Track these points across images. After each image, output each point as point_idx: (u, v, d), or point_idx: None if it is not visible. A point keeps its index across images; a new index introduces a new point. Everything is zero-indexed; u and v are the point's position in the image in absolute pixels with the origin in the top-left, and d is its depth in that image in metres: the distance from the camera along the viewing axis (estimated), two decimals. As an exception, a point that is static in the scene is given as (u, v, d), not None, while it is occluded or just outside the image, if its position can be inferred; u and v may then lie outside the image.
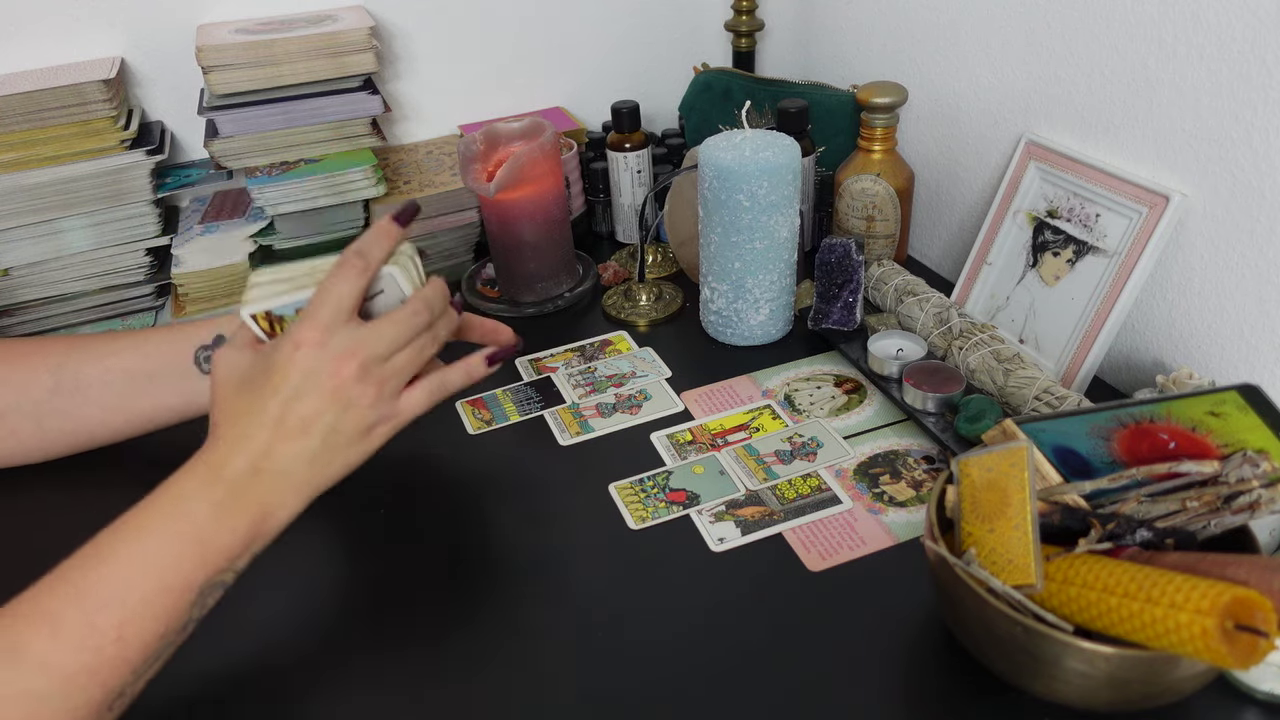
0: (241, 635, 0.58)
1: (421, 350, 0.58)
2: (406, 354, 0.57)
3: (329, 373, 0.53)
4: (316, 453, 0.54)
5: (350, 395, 0.54)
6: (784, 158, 0.75)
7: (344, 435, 0.54)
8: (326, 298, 0.54)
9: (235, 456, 0.52)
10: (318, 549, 0.65)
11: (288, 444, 0.53)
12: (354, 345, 0.54)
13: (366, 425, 0.55)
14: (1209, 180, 0.66)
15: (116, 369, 0.67)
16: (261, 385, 0.54)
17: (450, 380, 0.60)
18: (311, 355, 0.53)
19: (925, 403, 0.71)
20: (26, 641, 0.45)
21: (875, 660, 0.54)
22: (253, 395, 0.54)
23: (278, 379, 0.53)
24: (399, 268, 0.58)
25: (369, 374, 0.55)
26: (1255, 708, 0.50)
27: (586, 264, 0.97)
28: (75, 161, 0.86)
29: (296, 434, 0.53)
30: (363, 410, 0.55)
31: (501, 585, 0.61)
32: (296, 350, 0.53)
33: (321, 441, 0.54)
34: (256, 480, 0.52)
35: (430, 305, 0.58)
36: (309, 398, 0.53)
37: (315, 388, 0.53)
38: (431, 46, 1.08)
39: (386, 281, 0.58)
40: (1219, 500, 0.48)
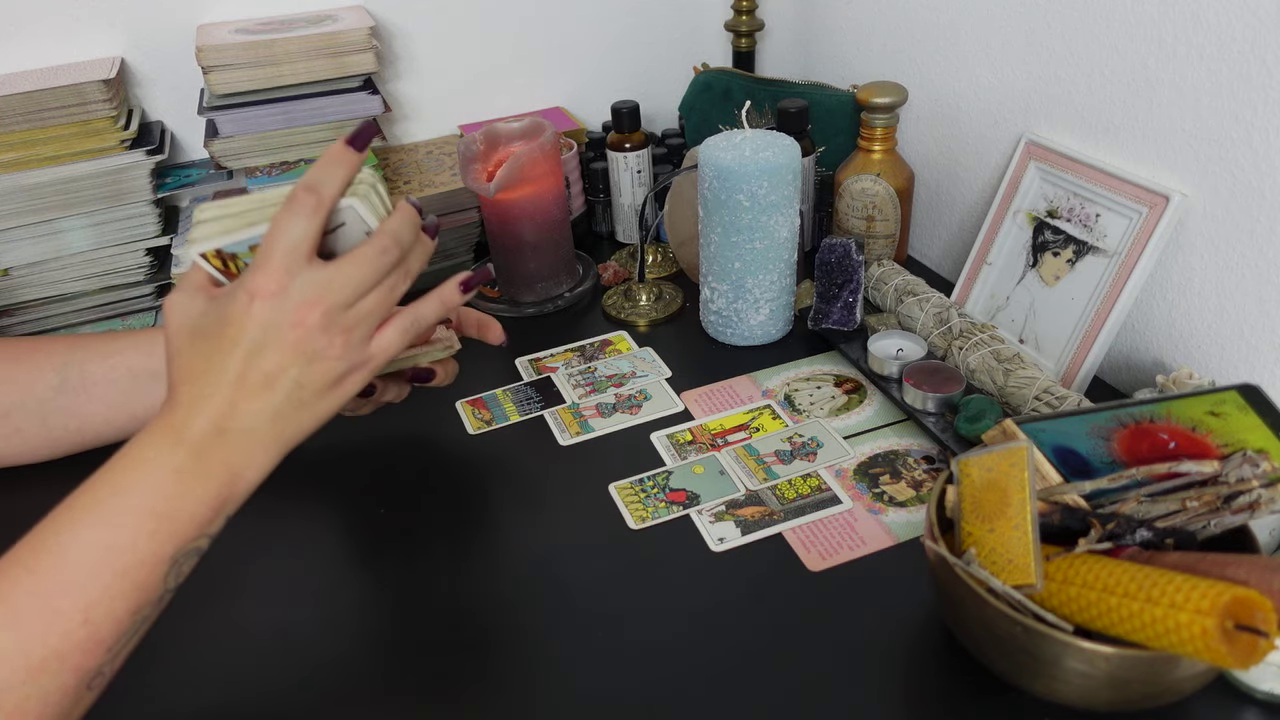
0: (240, 635, 0.58)
1: (392, 289, 0.53)
2: (375, 296, 0.52)
3: (290, 323, 0.49)
4: (282, 408, 0.50)
5: (315, 346, 0.50)
6: (784, 158, 0.75)
7: (311, 389, 0.51)
8: (279, 239, 0.49)
9: (195, 417, 0.48)
10: (317, 549, 0.65)
11: (251, 401, 0.49)
12: (316, 292, 0.49)
13: (335, 376, 0.51)
14: (1209, 180, 0.66)
15: (121, 367, 0.67)
16: (218, 338, 0.49)
17: (424, 313, 0.56)
18: (269, 306, 0.49)
19: (925, 403, 0.71)
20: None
21: (875, 660, 0.54)
22: (209, 349, 0.49)
23: (234, 331, 0.49)
24: (359, 199, 0.52)
25: (334, 322, 0.50)
26: (1255, 708, 0.50)
27: (586, 264, 0.97)
28: (75, 161, 0.86)
29: (259, 390, 0.49)
30: (330, 361, 0.51)
31: (501, 585, 0.61)
32: (253, 301, 0.49)
33: (287, 396, 0.50)
34: (221, 441, 0.48)
35: (398, 238, 0.53)
36: (270, 351, 0.49)
37: (276, 341, 0.49)
38: (431, 46, 1.08)
39: (347, 214, 0.52)
40: (1219, 500, 0.48)
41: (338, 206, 0.51)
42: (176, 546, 0.46)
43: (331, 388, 0.52)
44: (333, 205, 0.51)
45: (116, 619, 0.44)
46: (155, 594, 0.46)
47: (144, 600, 0.46)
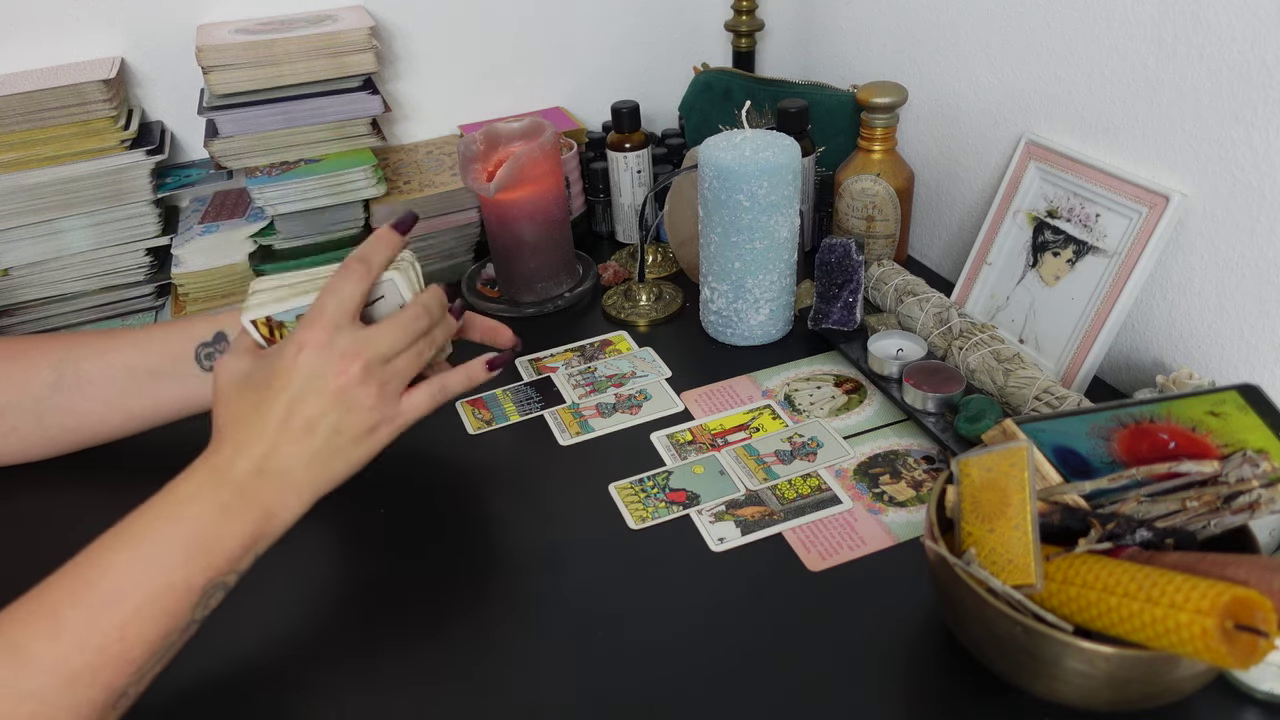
0: (241, 635, 0.58)
1: (420, 354, 0.59)
2: (407, 357, 0.58)
3: (333, 373, 0.54)
4: (319, 453, 0.54)
5: (353, 396, 0.55)
6: (784, 158, 0.75)
7: (346, 436, 0.55)
8: (330, 300, 0.56)
9: (240, 458, 0.53)
10: (318, 549, 0.65)
11: (292, 445, 0.53)
12: (357, 346, 0.55)
13: (368, 426, 0.56)
14: (1209, 180, 0.66)
15: (118, 365, 0.67)
16: (265, 387, 0.54)
17: (451, 384, 0.62)
18: (315, 356, 0.54)
19: (925, 403, 0.71)
20: (28, 641, 0.45)
21: (875, 660, 0.54)
22: (257, 397, 0.54)
23: (282, 380, 0.54)
24: (399, 273, 0.60)
25: (371, 375, 0.56)
26: (1255, 708, 0.50)
27: (586, 264, 0.97)
28: (75, 161, 0.86)
29: (300, 434, 0.54)
30: (365, 411, 0.56)
31: (501, 585, 0.61)
32: (300, 351, 0.54)
33: (324, 442, 0.54)
34: (261, 481, 0.52)
35: (429, 310, 0.60)
36: (313, 398, 0.54)
37: (319, 388, 0.54)
38: (431, 46, 1.08)
39: (387, 287, 0.59)
40: (1219, 500, 0.48)
41: (380, 280, 0.58)
42: (208, 578, 0.50)
43: (364, 437, 0.56)
44: (379, 275, 0.58)
45: (148, 640, 0.47)
46: (183, 622, 0.49)
47: (173, 626, 0.48)
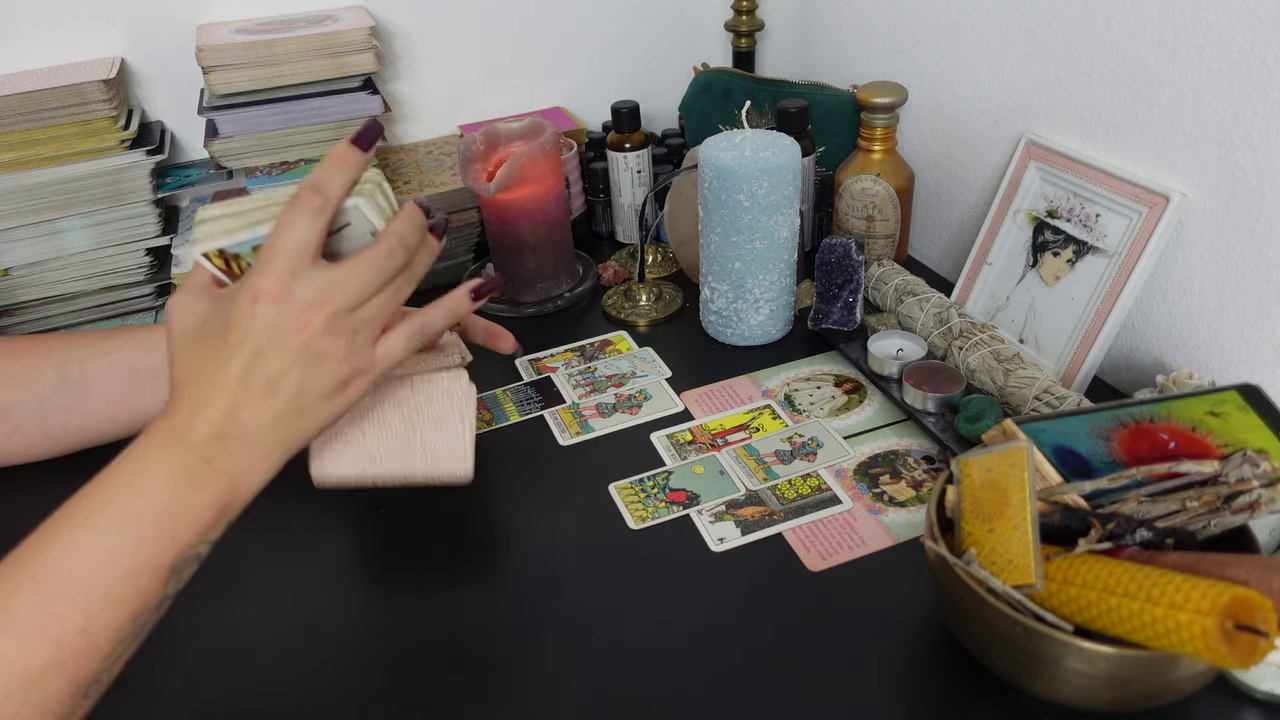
0: (240, 635, 0.58)
1: (398, 292, 0.52)
2: (380, 299, 0.51)
3: (295, 327, 0.48)
4: (284, 413, 0.49)
5: (319, 350, 0.49)
6: (784, 158, 0.75)
7: (314, 393, 0.50)
8: (283, 240, 0.48)
9: (197, 421, 0.48)
10: (316, 549, 0.65)
11: (253, 406, 0.48)
12: (320, 294, 0.48)
13: (339, 380, 0.50)
14: (1209, 180, 0.66)
15: (120, 365, 0.67)
16: (221, 341, 0.48)
17: (432, 320, 0.55)
18: (273, 309, 0.48)
19: (925, 403, 0.71)
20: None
21: (875, 660, 0.54)
22: (212, 350, 0.49)
23: (237, 334, 0.48)
24: (365, 198, 0.51)
25: (339, 324, 0.49)
26: (1255, 708, 0.50)
27: (586, 264, 0.97)
28: (75, 161, 0.86)
29: (262, 395, 0.48)
30: (334, 365, 0.50)
31: (501, 585, 0.61)
32: (256, 303, 0.48)
33: (289, 401, 0.49)
34: (222, 447, 0.48)
35: (404, 240, 0.52)
36: (273, 355, 0.48)
37: (280, 344, 0.48)
38: (431, 46, 1.08)
39: (353, 214, 0.51)
40: (1219, 500, 0.48)
41: (343, 207, 0.50)
42: (177, 553, 0.46)
43: (335, 392, 0.51)
44: (338, 205, 0.50)
45: (116, 626, 0.44)
46: (154, 600, 0.46)
47: (143, 607, 0.45)
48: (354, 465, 0.58)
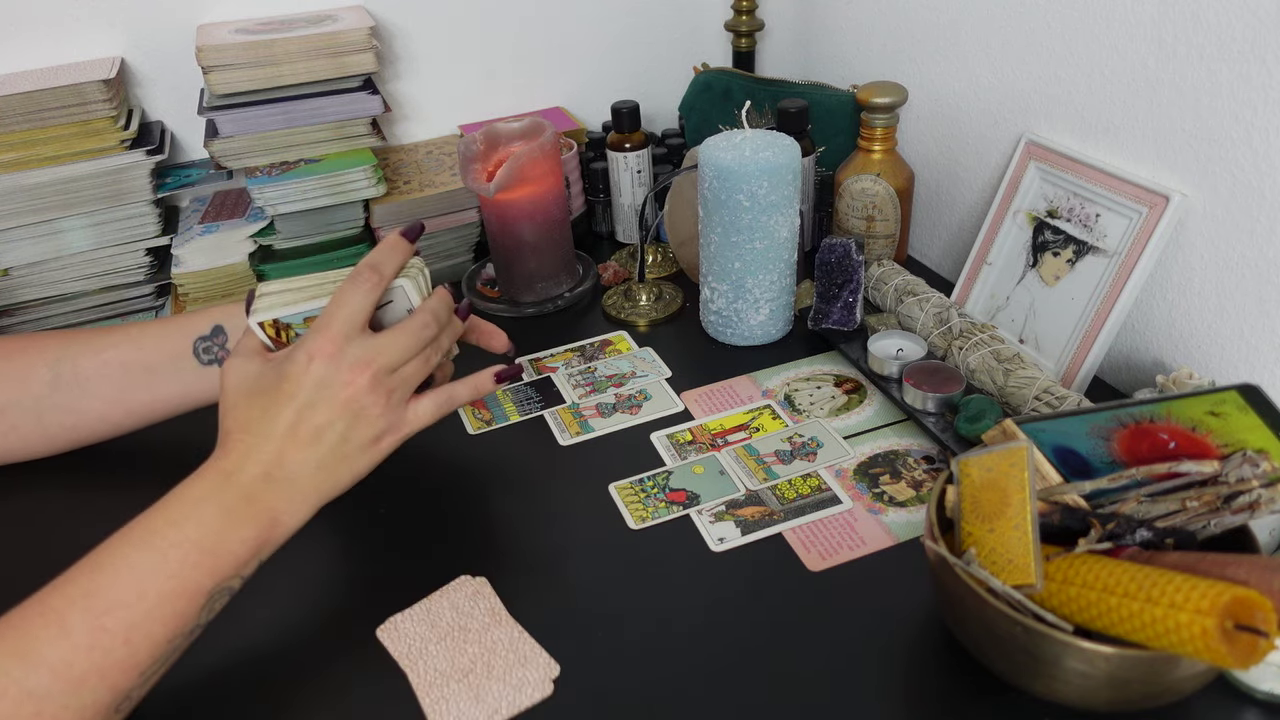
0: (241, 635, 0.58)
1: (428, 360, 0.59)
2: (414, 364, 0.58)
3: (343, 382, 0.55)
4: (325, 460, 0.55)
5: (361, 405, 0.55)
6: (784, 158, 0.75)
7: (353, 444, 0.56)
8: (340, 309, 0.56)
9: (248, 464, 0.53)
10: (319, 549, 0.65)
11: (299, 452, 0.54)
12: (367, 356, 0.56)
13: (375, 434, 0.57)
14: (1209, 180, 0.66)
15: (114, 362, 0.67)
16: (274, 393, 0.55)
17: (458, 394, 0.62)
18: (326, 365, 0.55)
19: (925, 403, 0.71)
20: (35, 643, 0.45)
21: (875, 660, 0.54)
22: (265, 403, 0.55)
23: (290, 387, 0.54)
24: (409, 279, 0.60)
25: (379, 384, 0.56)
26: (1255, 708, 0.50)
27: (586, 264, 0.97)
28: (75, 161, 0.86)
29: (308, 442, 0.54)
30: (372, 419, 0.56)
31: (501, 585, 0.61)
32: (311, 360, 0.55)
33: (331, 450, 0.55)
34: (268, 487, 0.53)
35: (438, 317, 0.60)
36: (322, 407, 0.54)
37: (329, 397, 0.55)
38: (431, 46, 1.08)
39: (396, 293, 0.60)
40: (1219, 500, 0.48)
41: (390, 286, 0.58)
42: (215, 582, 0.50)
43: (370, 445, 0.57)
44: (389, 284, 0.58)
45: (154, 643, 0.47)
46: (189, 625, 0.49)
47: (179, 630, 0.49)
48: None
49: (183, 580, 0.48)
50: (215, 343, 0.67)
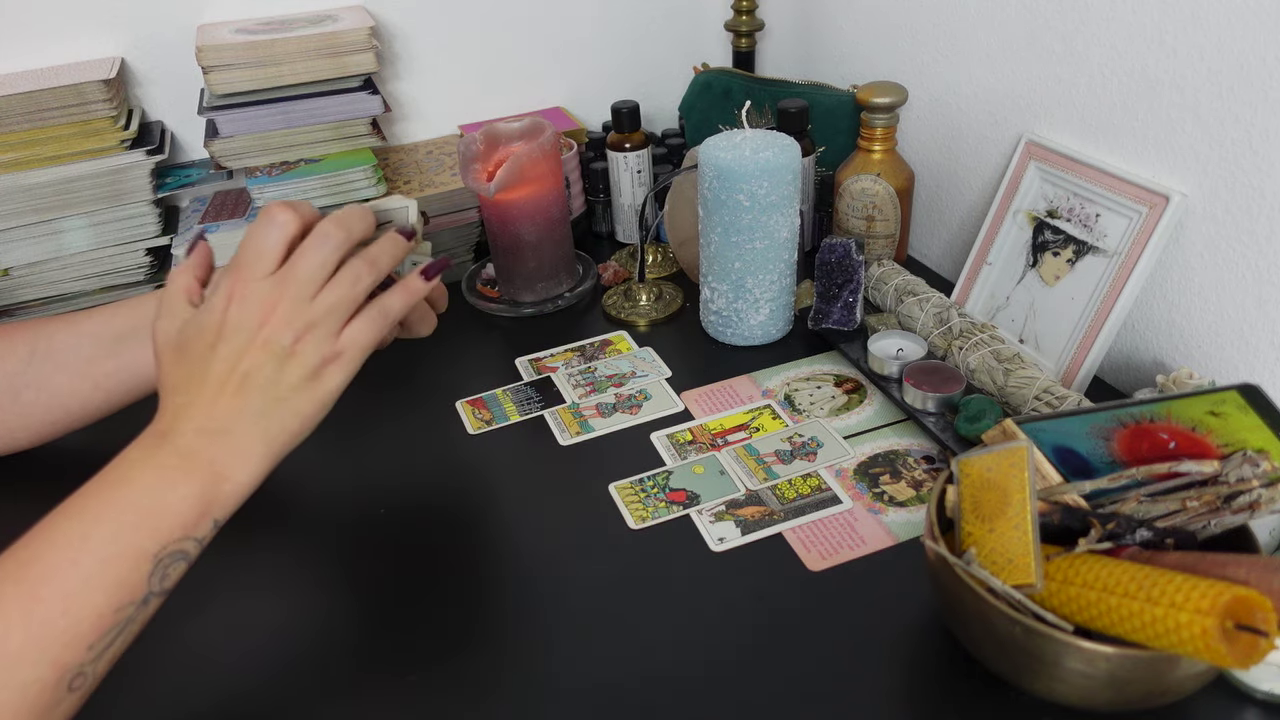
0: (240, 635, 0.58)
1: (356, 281, 0.54)
2: (334, 289, 0.53)
3: (257, 321, 0.51)
4: (261, 407, 0.51)
5: (282, 341, 0.52)
6: (784, 158, 0.75)
7: (286, 384, 0.52)
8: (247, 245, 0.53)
9: (180, 421, 0.50)
10: (317, 549, 0.65)
11: (230, 400, 0.51)
12: (276, 289, 0.52)
13: (309, 369, 0.52)
14: (1209, 180, 0.66)
15: (87, 334, 0.66)
16: (196, 345, 0.52)
17: (391, 304, 0.57)
18: (238, 306, 0.52)
19: (925, 403, 0.71)
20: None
21: (875, 660, 0.54)
22: (190, 358, 0.52)
23: (210, 336, 0.52)
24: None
25: (297, 315, 0.52)
26: (1255, 708, 0.50)
27: (586, 264, 0.97)
28: (75, 161, 0.87)
29: (237, 389, 0.51)
30: (301, 355, 0.52)
31: (501, 585, 0.61)
32: (228, 304, 0.52)
33: (263, 394, 0.51)
34: (204, 441, 0.50)
35: (341, 222, 0.54)
36: (240, 351, 0.51)
37: (247, 339, 0.51)
38: (431, 46, 1.08)
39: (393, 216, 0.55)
40: (1219, 500, 0.48)
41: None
42: (159, 544, 0.47)
43: (307, 383, 0.52)
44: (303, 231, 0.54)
45: (98, 613, 0.45)
46: (139, 594, 0.46)
47: (126, 599, 0.46)
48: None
49: (120, 544, 0.46)
50: None
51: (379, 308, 0.56)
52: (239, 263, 0.53)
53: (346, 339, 0.54)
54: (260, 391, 0.51)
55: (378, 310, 0.55)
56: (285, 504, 0.68)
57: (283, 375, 0.52)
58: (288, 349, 0.52)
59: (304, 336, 0.52)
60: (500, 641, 0.57)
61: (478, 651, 0.56)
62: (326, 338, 0.53)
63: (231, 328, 0.51)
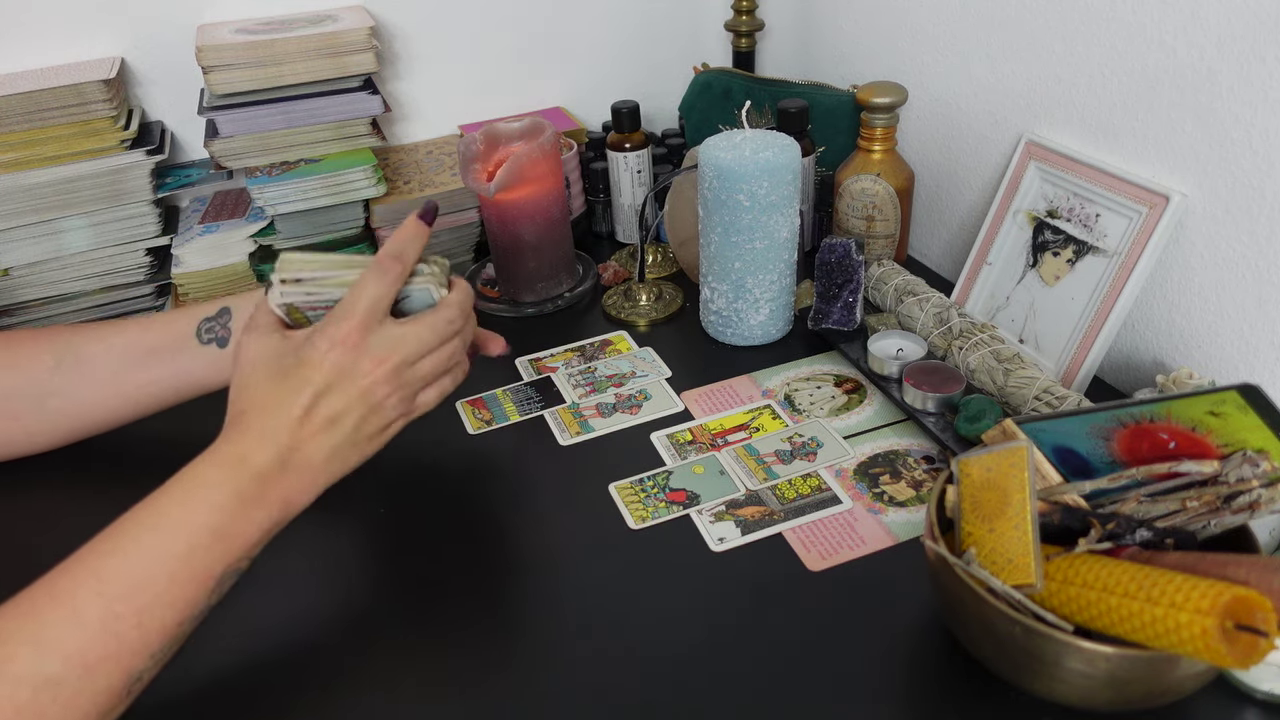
0: (240, 635, 0.58)
1: (451, 355, 0.60)
2: (435, 359, 0.59)
3: (363, 373, 0.55)
4: (339, 448, 0.55)
5: (378, 396, 0.56)
6: (784, 158, 0.75)
7: (365, 433, 0.56)
8: (363, 297, 0.55)
9: (263, 449, 0.52)
10: (316, 548, 0.65)
11: (314, 438, 0.54)
12: (389, 349, 0.56)
13: (386, 423, 0.57)
14: (1209, 180, 0.66)
15: (118, 345, 0.67)
16: (292, 376, 0.54)
17: (459, 377, 0.63)
18: (347, 354, 0.55)
19: (925, 403, 0.71)
20: (48, 629, 0.45)
21: (875, 660, 0.54)
22: (283, 386, 0.54)
23: (309, 372, 0.54)
24: (430, 271, 0.59)
25: (398, 376, 0.56)
26: (1255, 708, 0.50)
27: (586, 264, 0.97)
28: (75, 161, 0.86)
29: (323, 429, 0.54)
30: (387, 411, 0.57)
31: (501, 585, 0.61)
32: (333, 347, 0.54)
33: (345, 437, 0.55)
34: (282, 473, 0.53)
35: (463, 311, 0.60)
36: (339, 395, 0.54)
37: (348, 386, 0.55)
38: (431, 46, 1.08)
39: (417, 284, 0.59)
40: (1219, 500, 0.48)
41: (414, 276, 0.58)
42: (225, 565, 0.50)
43: (380, 433, 0.57)
44: (410, 271, 0.58)
45: (164, 627, 0.47)
46: (198, 608, 0.49)
47: (189, 613, 0.49)
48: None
49: (193, 564, 0.48)
50: (218, 323, 0.66)
51: (451, 379, 0.62)
52: (352, 310, 0.55)
53: (420, 401, 0.60)
54: (343, 435, 0.55)
55: (450, 381, 0.62)
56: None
57: (365, 424, 0.56)
58: (380, 403, 0.56)
59: (394, 395, 0.57)
60: (500, 641, 0.57)
61: (478, 651, 0.56)
62: (410, 399, 0.58)
63: (334, 369, 0.54)
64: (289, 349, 0.55)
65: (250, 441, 0.53)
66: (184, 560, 0.48)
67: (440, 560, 0.63)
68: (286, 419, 0.53)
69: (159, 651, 0.47)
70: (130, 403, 0.68)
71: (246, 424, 0.54)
